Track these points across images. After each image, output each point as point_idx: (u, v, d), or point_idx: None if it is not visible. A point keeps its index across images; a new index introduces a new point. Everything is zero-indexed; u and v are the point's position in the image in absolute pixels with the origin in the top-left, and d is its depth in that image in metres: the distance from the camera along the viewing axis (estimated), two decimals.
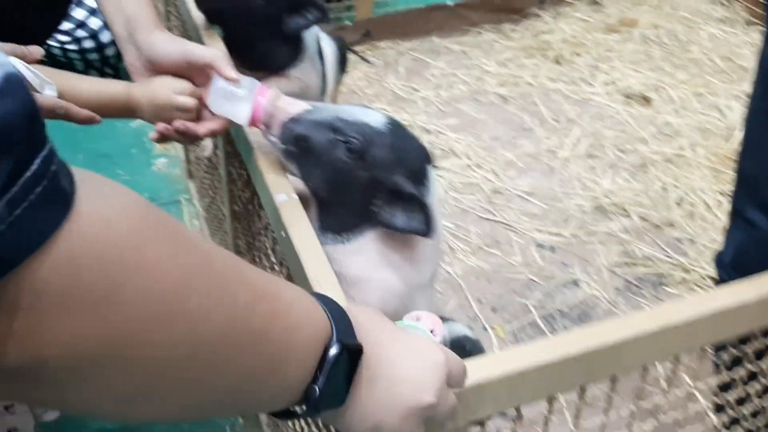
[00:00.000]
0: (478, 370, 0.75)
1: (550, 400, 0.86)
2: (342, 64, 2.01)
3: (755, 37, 3.01)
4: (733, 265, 1.38)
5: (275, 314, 0.56)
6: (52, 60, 2.47)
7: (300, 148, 1.05)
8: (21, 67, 0.90)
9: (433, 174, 1.12)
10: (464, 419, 0.77)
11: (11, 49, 0.89)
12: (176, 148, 2.40)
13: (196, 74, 1.12)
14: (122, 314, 0.43)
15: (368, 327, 0.65)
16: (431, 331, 0.85)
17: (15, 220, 0.37)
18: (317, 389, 0.59)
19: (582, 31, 3.14)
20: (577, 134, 2.58)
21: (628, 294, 2.00)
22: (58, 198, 0.40)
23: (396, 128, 1.07)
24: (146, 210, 0.47)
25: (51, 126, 0.44)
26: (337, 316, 0.62)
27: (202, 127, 1.12)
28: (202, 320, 0.49)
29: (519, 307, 1.95)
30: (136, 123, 2.38)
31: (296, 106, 1.06)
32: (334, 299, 0.65)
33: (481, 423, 0.82)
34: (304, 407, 0.61)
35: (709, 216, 2.23)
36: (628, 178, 2.39)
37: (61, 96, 0.96)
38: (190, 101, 1.10)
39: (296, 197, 1.01)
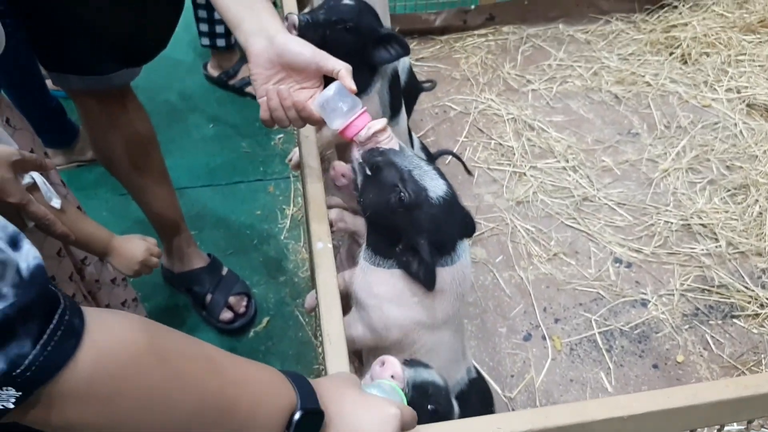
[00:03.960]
0: None
1: None
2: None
3: None
4: None
5: (240, 394, 0.77)
6: None
7: (371, 171, 1.26)
8: (39, 179, 1.17)
9: (464, 246, 1.27)
10: None
11: (34, 158, 1.14)
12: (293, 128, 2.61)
13: (312, 75, 1.31)
14: (121, 408, 0.66)
15: (332, 393, 0.86)
16: (392, 377, 1.03)
17: (47, 355, 0.60)
18: None
19: (717, 28, 3.02)
20: (684, 145, 2.56)
21: (694, 321, 2.03)
22: (72, 335, 0.63)
23: (447, 203, 1.23)
24: (143, 337, 0.68)
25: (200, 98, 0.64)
26: (302, 387, 0.83)
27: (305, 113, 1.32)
28: (179, 407, 0.71)
29: (582, 321, 2.04)
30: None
31: (389, 143, 1.26)
32: (302, 375, 0.85)
33: None
34: None
35: None
36: (726, 199, 2.36)
37: (61, 212, 1.23)
38: (158, 261, 1.50)
39: (330, 246, 1.19)
